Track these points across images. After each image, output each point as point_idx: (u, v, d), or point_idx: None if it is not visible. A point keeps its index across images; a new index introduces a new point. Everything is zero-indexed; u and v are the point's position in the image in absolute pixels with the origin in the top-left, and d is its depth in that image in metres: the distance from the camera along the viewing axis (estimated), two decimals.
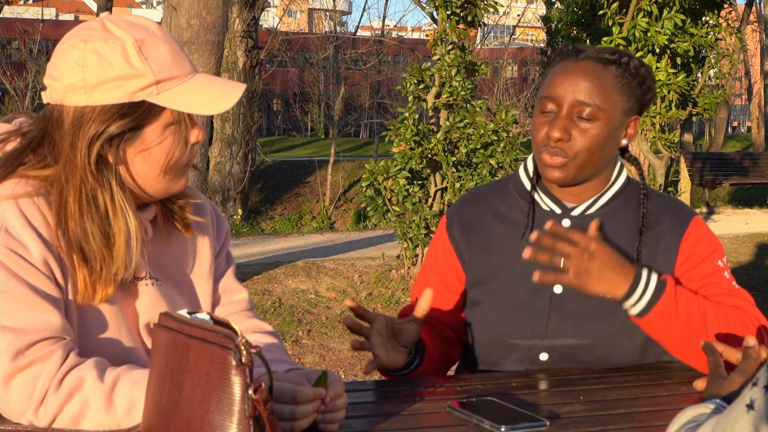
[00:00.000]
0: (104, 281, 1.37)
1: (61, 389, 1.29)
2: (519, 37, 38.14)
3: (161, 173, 1.42)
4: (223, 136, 13.91)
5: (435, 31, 6.83)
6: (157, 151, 1.40)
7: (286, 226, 16.07)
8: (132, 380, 1.31)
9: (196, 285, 1.57)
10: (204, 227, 1.60)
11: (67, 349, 1.32)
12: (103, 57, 1.35)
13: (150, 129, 1.39)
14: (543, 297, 1.79)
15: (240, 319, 1.62)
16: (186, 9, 6.29)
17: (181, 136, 1.42)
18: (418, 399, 1.59)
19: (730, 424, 1.01)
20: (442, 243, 1.91)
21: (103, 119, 1.36)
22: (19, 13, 31.25)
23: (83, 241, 1.36)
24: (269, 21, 37.26)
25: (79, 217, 1.36)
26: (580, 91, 1.73)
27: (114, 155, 1.38)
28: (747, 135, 35.60)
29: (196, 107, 1.40)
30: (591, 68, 1.75)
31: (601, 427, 1.45)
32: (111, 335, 1.42)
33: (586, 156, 1.74)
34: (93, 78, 1.35)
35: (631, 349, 1.80)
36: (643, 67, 1.80)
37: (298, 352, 5.64)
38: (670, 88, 7.46)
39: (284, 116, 35.48)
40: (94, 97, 1.35)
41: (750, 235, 9.88)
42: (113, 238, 1.37)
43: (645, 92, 1.80)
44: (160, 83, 1.37)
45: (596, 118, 1.73)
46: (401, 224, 6.53)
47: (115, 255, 1.37)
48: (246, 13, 13.78)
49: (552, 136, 1.73)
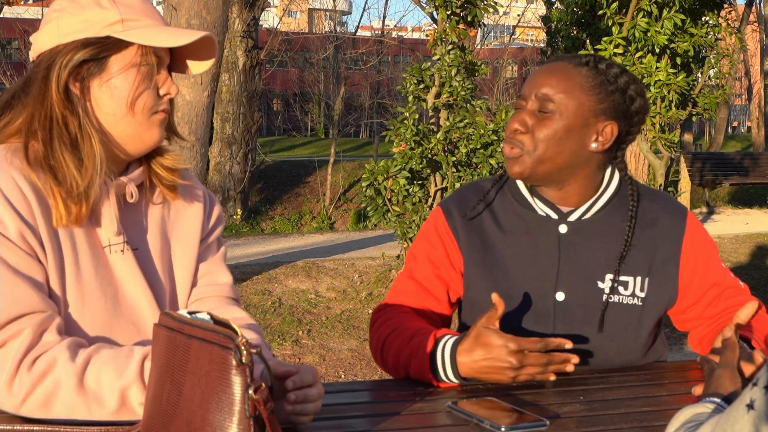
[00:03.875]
0: (77, 198, 1.42)
1: (34, 369, 1.32)
2: (519, 37, 38.12)
3: (128, 110, 1.47)
4: (223, 136, 13.90)
5: (435, 31, 6.82)
6: (122, 85, 1.47)
7: (286, 226, 16.06)
8: (101, 361, 1.34)
9: (176, 257, 1.59)
10: (193, 197, 1.63)
11: (42, 325, 1.35)
12: (77, 1, 1.47)
13: (114, 60, 1.46)
14: (546, 304, 1.79)
15: (219, 305, 1.63)
16: (186, 9, 6.29)
17: (147, 78, 1.49)
18: (418, 399, 1.59)
19: (730, 424, 1.01)
20: (440, 234, 1.86)
21: (69, 50, 1.45)
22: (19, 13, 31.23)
23: (53, 160, 1.42)
24: (269, 21, 37.27)
25: (49, 140, 1.43)
26: (544, 86, 1.75)
27: (80, 88, 1.46)
28: (747, 135, 35.60)
29: (158, 41, 1.47)
30: (560, 67, 1.77)
31: (601, 427, 1.45)
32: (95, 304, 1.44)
33: (543, 151, 1.74)
34: (65, 20, 1.46)
35: (634, 351, 1.82)
36: (625, 76, 1.78)
37: (298, 352, 5.64)
38: (670, 88, 7.45)
39: (284, 116, 35.47)
40: (64, 35, 1.45)
41: (750, 235, 9.88)
42: (83, 161, 1.44)
43: (628, 102, 1.78)
44: (126, 22, 1.47)
45: (556, 112, 1.74)
46: (401, 224, 6.53)
47: (84, 173, 1.43)
48: (246, 13, 13.78)
49: (510, 128, 1.76)
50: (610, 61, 1.80)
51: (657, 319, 1.84)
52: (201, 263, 1.64)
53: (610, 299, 1.78)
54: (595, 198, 1.82)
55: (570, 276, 1.79)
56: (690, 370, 1.80)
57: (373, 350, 1.83)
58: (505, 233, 1.83)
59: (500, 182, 1.90)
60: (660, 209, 1.85)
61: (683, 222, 1.84)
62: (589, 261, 1.79)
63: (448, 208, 1.88)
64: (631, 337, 1.79)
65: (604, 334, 1.78)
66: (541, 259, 1.80)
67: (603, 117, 1.76)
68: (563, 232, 1.80)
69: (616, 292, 1.78)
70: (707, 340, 1.84)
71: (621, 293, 1.79)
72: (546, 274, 1.79)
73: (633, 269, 1.80)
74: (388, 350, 1.75)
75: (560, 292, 1.78)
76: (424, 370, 1.64)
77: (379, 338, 1.79)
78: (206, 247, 1.65)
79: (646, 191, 1.88)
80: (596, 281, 1.79)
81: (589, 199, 1.82)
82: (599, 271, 1.79)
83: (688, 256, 1.82)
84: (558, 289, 1.79)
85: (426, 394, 1.62)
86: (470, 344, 1.58)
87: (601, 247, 1.80)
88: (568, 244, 1.80)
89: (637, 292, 1.79)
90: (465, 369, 1.59)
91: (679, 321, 1.90)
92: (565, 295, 1.78)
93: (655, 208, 1.85)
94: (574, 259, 1.79)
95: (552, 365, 1.57)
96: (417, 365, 1.66)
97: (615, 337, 1.79)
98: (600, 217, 1.82)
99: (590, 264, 1.79)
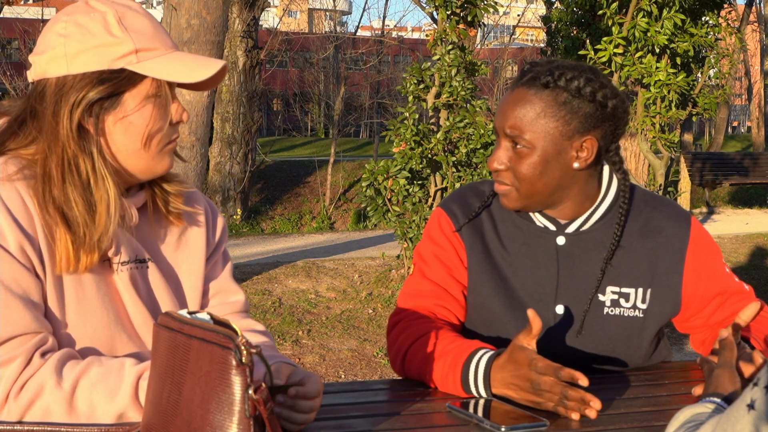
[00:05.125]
0: (88, 248, 1.37)
1: (21, 398, 1.29)
2: (519, 37, 38.11)
3: (142, 146, 1.42)
4: (223, 136, 13.90)
5: (435, 31, 6.82)
6: (137, 121, 1.41)
7: (286, 226, 16.06)
8: (90, 382, 1.31)
9: (183, 274, 1.55)
10: (197, 220, 1.58)
11: (33, 349, 1.31)
12: (84, 27, 1.38)
13: (129, 96, 1.40)
14: (546, 317, 1.75)
15: (232, 320, 1.61)
16: (186, 9, 6.28)
17: (162, 110, 1.43)
18: (418, 399, 1.59)
19: (731, 424, 1.01)
20: (446, 235, 1.83)
21: (82, 86, 1.37)
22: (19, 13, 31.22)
23: (66, 207, 1.36)
24: (269, 21, 37.25)
25: (61, 184, 1.36)
26: (509, 120, 1.72)
27: (94, 124, 1.39)
28: (747, 135, 35.59)
29: (176, 76, 1.41)
30: (521, 97, 1.71)
31: (601, 427, 1.45)
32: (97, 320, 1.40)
33: (528, 186, 1.72)
34: (74, 47, 1.37)
35: (635, 361, 1.81)
36: (590, 86, 1.69)
37: (298, 352, 5.64)
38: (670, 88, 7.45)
39: (284, 116, 35.46)
40: (74, 65, 1.37)
41: (750, 235, 9.88)
42: (95, 205, 1.38)
43: (600, 109, 1.70)
44: (140, 52, 1.39)
45: (529, 147, 1.71)
46: (401, 224, 6.53)
47: (98, 221, 1.37)
48: (246, 13, 13.78)
49: (490, 166, 1.75)
50: (572, 73, 1.71)
51: (659, 329, 1.82)
52: (211, 282, 1.61)
53: (611, 312, 1.77)
54: (593, 209, 1.79)
55: (569, 289, 1.77)
56: (690, 370, 1.80)
57: (392, 358, 1.77)
58: (503, 243, 1.81)
59: None
60: (663, 217, 1.82)
61: (687, 230, 1.81)
62: (587, 273, 1.77)
63: (450, 209, 1.85)
64: (632, 348, 1.78)
65: (605, 346, 1.77)
66: (540, 272, 1.78)
67: (577, 135, 1.70)
68: (561, 244, 1.78)
69: (617, 304, 1.76)
70: (709, 342, 1.83)
71: (622, 305, 1.76)
72: (545, 287, 1.77)
73: (634, 281, 1.77)
74: (412, 359, 1.70)
75: (560, 305, 1.77)
76: (455, 382, 1.59)
77: (401, 346, 1.73)
78: (213, 264, 1.61)
79: (649, 198, 1.85)
80: (597, 294, 1.76)
81: (587, 209, 1.79)
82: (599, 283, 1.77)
83: (692, 266, 1.80)
84: (558, 302, 1.77)
85: (426, 394, 1.62)
86: (504, 359, 1.53)
87: (599, 259, 1.77)
88: (567, 255, 1.78)
89: (639, 304, 1.77)
90: (496, 384, 1.54)
91: (682, 327, 1.88)
92: (564, 308, 1.76)
93: (658, 216, 1.82)
94: (572, 272, 1.77)
95: (570, 401, 1.46)
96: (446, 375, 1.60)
97: (616, 348, 1.77)
98: (598, 227, 1.79)
99: (588, 276, 1.77)
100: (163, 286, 1.50)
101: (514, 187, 1.73)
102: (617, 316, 1.76)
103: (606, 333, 1.76)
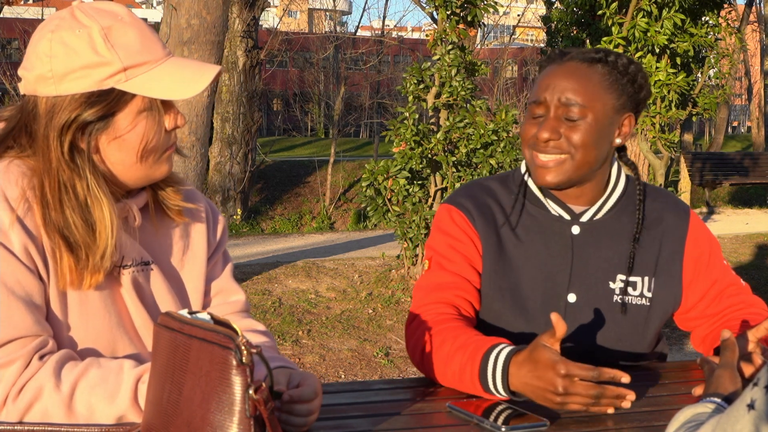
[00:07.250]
0: (92, 269, 1.36)
1: (20, 400, 1.29)
2: (519, 37, 38.12)
3: (138, 160, 1.41)
4: (223, 136, 13.91)
5: (435, 31, 6.83)
6: (131, 138, 1.39)
7: (286, 226, 16.06)
8: (89, 385, 1.31)
9: (185, 276, 1.55)
10: (197, 218, 1.58)
11: (32, 352, 1.31)
12: (70, 46, 1.35)
13: (121, 116, 1.38)
14: (558, 306, 1.78)
15: (233, 320, 1.61)
16: (186, 9, 6.28)
17: (155, 122, 1.41)
18: (418, 399, 1.59)
19: (731, 424, 1.01)
20: (460, 227, 1.82)
21: (73, 108, 1.35)
22: (19, 13, 31.24)
23: (66, 230, 1.34)
24: (269, 21, 37.26)
25: (59, 207, 1.35)
26: (566, 91, 1.72)
27: (87, 144, 1.37)
28: (747, 135, 35.60)
29: (166, 92, 1.38)
30: (576, 68, 1.75)
31: (601, 427, 1.45)
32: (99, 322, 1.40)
33: (584, 154, 1.73)
34: (60, 68, 1.35)
35: (640, 351, 1.83)
36: (633, 65, 1.78)
37: (298, 352, 5.64)
38: (670, 88, 7.46)
39: (284, 116, 35.46)
40: (63, 86, 1.35)
41: (750, 235, 9.88)
42: (95, 225, 1.36)
43: (638, 90, 1.79)
44: (128, 70, 1.36)
45: (584, 117, 1.72)
46: (401, 224, 6.53)
47: (99, 242, 1.36)
48: (246, 13, 13.78)
49: (540, 138, 1.72)
50: (616, 52, 1.79)
51: (663, 320, 1.85)
52: (212, 282, 1.61)
53: (620, 300, 1.78)
54: (605, 198, 1.82)
55: (582, 277, 1.79)
56: (691, 370, 1.80)
57: (411, 350, 1.75)
58: (516, 233, 1.82)
59: (506, 181, 1.88)
60: (663, 208, 1.86)
61: (686, 220, 1.86)
62: (600, 262, 1.79)
63: (460, 203, 1.84)
64: (638, 337, 1.80)
65: (612, 334, 1.78)
66: (554, 261, 1.79)
67: (623, 111, 1.77)
68: (576, 233, 1.80)
69: (625, 292, 1.79)
70: (709, 339, 1.84)
71: (630, 293, 1.79)
72: (558, 275, 1.79)
73: (641, 269, 1.81)
74: (431, 351, 1.68)
75: (572, 294, 1.78)
76: (474, 378, 1.56)
77: (419, 338, 1.72)
78: (214, 264, 1.62)
79: (650, 190, 1.89)
80: (607, 282, 1.79)
81: (599, 198, 1.82)
82: (610, 271, 1.79)
83: (691, 254, 1.84)
84: (570, 291, 1.78)
85: (426, 394, 1.62)
86: (524, 357, 1.49)
87: (612, 248, 1.80)
88: (581, 245, 1.80)
89: (645, 292, 1.80)
90: (514, 381, 1.51)
91: (682, 320, 1.91)
92: (576, 297, 1.78)
93: (658, 207, 1.86)
94: (586, 261, 1.79)
95: (605, 399, 1.45)
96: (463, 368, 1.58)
97: (623, 337, 1.79)
98: (610, 217, 1.82)
99: (601, 265, 1.79)
100: (166, 289, 1.49)
101: (570, 155, 1.73)
102: (626, 305, 1.79)
103: (615, 321, 1.78)
